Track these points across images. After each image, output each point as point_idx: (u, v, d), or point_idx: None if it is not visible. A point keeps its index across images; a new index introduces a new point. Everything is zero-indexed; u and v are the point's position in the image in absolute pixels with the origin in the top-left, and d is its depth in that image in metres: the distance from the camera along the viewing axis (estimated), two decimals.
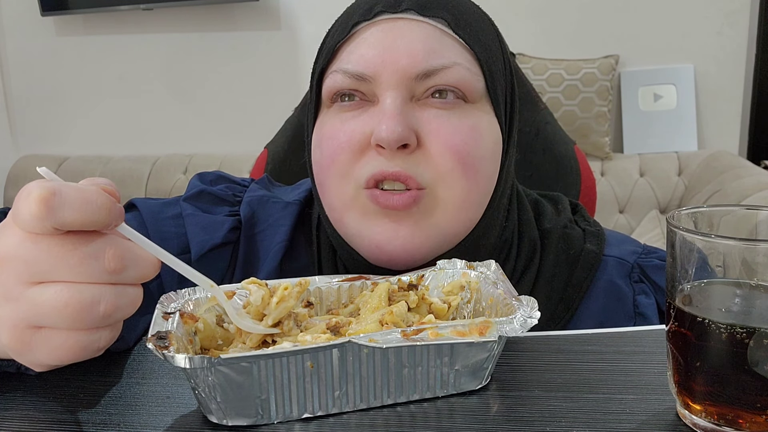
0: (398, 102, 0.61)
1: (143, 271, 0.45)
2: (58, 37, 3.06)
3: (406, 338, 0.44)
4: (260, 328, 0.48)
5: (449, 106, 0.63)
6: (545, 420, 0.44)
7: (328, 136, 0.64)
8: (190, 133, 3.04)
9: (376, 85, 0.62)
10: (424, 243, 0.63)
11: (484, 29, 0.67)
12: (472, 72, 0.63)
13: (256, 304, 0.49)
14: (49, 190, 0.41)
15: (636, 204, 2.57)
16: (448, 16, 0.64)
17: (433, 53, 0.62)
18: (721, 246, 0.41)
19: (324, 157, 0.64)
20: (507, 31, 1.07)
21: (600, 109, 2.62)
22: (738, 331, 0.39)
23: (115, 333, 0.45)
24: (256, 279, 0.51)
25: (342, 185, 0.63)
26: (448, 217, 0.63)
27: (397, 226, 0.62)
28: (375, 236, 0.63)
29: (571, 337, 0.57)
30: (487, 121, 0.65)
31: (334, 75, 0.64)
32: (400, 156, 0.61)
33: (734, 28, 2.64)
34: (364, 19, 0.64)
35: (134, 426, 0.45)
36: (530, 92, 1.03)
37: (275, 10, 2.88)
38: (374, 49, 0.62)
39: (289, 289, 0.49)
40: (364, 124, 0.62)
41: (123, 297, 0.44)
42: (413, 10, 0.63)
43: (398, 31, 0.63)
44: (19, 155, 3.12)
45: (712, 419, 0.42)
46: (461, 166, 0.62)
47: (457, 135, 0.62)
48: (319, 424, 0.45)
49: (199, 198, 0.75)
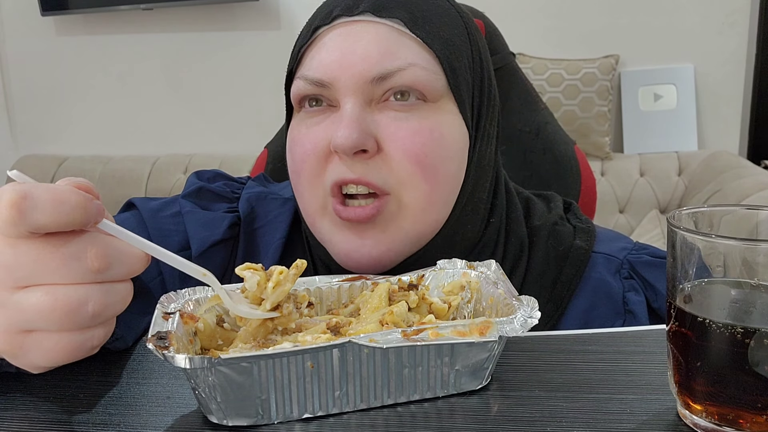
0: (356, 108, 0.62)
1: (130, 267, 0.44)
2: (58, 37, 3.06)
3: (406, 338, 0.44)
4: (258, 313, 0.48)
5: (408, 108, 0.63)
6: (545, 420, 0.44)
7: (296, 142, 0.66)
8: (190, 133, 3.04)
9: (336, 90, 0.63)
10: (391, 248, 0.64)
11: (447, 23, 0.66)
12: (429, 71, 0.63)
13: (252, 290, 0.48)
14: (20, 193, 0.40)
15: (636, 204, 2.57)
16: (404, 15, 0.64)
17: (388, 55, 0.62)
18: (721, 246, 0.41)
19: (294, 163, 0.66)
20: (507, 31, 1.08)
21: (600, 109, 2.62)
22: (738, 331, 0.39)
23: (108, 329, 0.45)
24: (251, 264, 0.49)
25: (312, 192, 0.65)
26: (412, 220, 0.64)
27: (362, 236, 0.63)
28: (342, 245, 0.64)
29: (571, 337, 0.57)
30: (449, 120, 0.65)
31: (297, 81, 0.66)
32: (360, 161, 0.62)
33: (734, 28, 2.64)
34: (323, 24, 0.65)
35: (134, 426, 0.45)
36: (530, 92, 1.03)
37: (275, 10, 2.88)
38: (332, 54, 0.63)
39: (284, 273, 0.48)
40: (326, 130, 0.63)
41: (111, 295, 0.43)
42: (369, 11, 0.64)
43: (355, 35, 0.63)
44: (19, 155, 3.12)
45: (713, 419, 0.42)
46: (420, 169, 0.62)
47: (416, 137, 0.62)
48: (319, 424, 0.45)
49: (198, 195, 0.75)
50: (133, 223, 0.73)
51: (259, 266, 0.49)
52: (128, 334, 0.56)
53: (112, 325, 0.45)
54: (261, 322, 0.49)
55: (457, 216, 0.67)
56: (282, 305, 0.49)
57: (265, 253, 0.73)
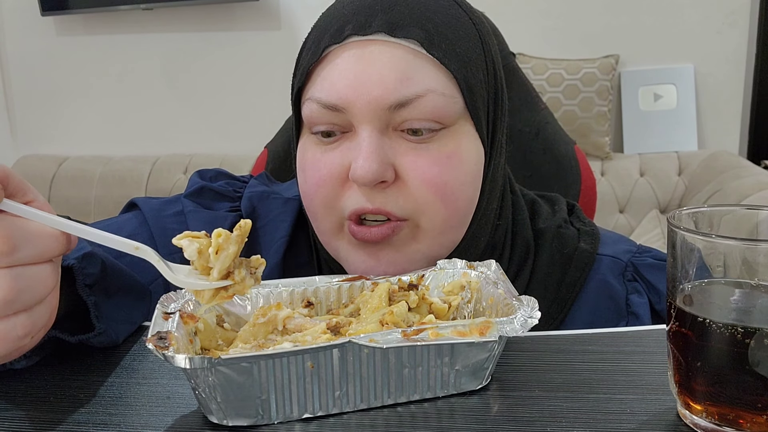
0: (374, 137, 0.60)
1: (43, 248, 0.42)
2: (58, 37, 3.06)
3: (406, 338, 0.44)
4: (205, 284, 0.46)
5: (425, 140, 0.62)
6: (545, 420, 0.44)
7: (310, 165, 0.64)
8: (190, 133, 3.04)
9: (351, 115, 0.61)
10: (407, 268, 0.63)
11: (463, 38, 0.64)
12: (447, 96, 0.61)
13: (193, 258, 0.46)
14: None
15: (636, 204, 2.56)
16: (420, 34, 0.61)
17: (405, 80, 0.60)
18: (721, 246, 0.41)
19: (308, 186, 0.65)
20: (507, 31, 1.08)
21: (600, 109, 2.62)
22: (739, 331, 0.39)
23: (36, 318, 0.43)
24: (189, 232, 0.47)
25: (327, 216, 0.64)
26: (430, 243, 0.64)
27: (377, 257, 0.63)
28: (362, 263, 0.64)
29: (572, 337, 0.57)
30: (466, 142, 0.64)
31: (310, 103, 0.63)
32: (379, 190, 0.61)
33: (734, 28, 2.64)
34: (334, 42, 0.62)
35: (134, 426, 0.45)
36: (530, 92, 1.03)
37: (275, 10, 2.88)
38: (345, 78, 0.60)
39: (225, 235, 0.46)
40: (343, 156, 0.62)
41: (22, 279, 0.41)
42: (383, 31, 0.61)
43: (369, 57, 0.60)
44: (19, 155, 3.12)
45: (713, 419, 0.42)
46: (439, 197, 0.62)
47: (434, 167, 0.61)
48: (319, 424, 0.45)
49: (200, 194, 0.75)
50: (135, 222, 0.73)
51: (201, 233, 0.47)
52: (111, 328, 0.55)
53: (43, 312, 0.43)
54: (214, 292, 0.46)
55: (473, 231, 0.67)
56: (233, 272, 0.46)
57: (266, 252, 0.73)
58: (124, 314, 0.58)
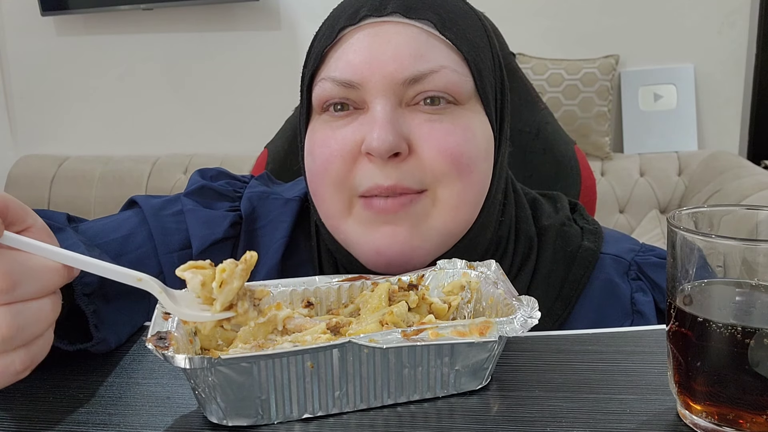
0: (388, 109, 0.61)
1: (43, 282, 0.41)
2: (58, 37, 3.05)
3: (406, 338, 0.44)
4: (206, 316, 0.46)
5: (439, 111, 0.62)
6: (545, 420, 0.44)
7: (320, 143, 0.64)
8: (191, 133, 3.04)
9: (365, 91, 0.62)
10: (422, 246, 0.63)
11: (472, 27, 0.66)
12: (459, 74, 0.63)
13: (196, 292, 0.45)
14: None
15: (636, 204, 2.57)
16: (434, 17, 0.63)
17: (420, 57, 0.61)
18: (721, 246, 0.41)
19: (317, 165, 0.64)
20: (507, 31, 1.08)
21: (600, 109, 2.62)
22: (738, 332, 0.39)
23: (36, 351, 0.42)
24: (195, 262, 0.46)
25: (336, 195, 0.63)
26: (445, 218, 0.63)
27: (395, 229, 0.62)
28: (374, 242, 0.63)
29: (571, 337, 0.57)
30: (478, 120, 0.65)
31: (323, 83, 0.64)
32: (393, 165, 0.61)
33: (734, 28, 2.64)
34: (350, 24, 0.63)
35: (134, 426, 0.45)
36: (530, 92, 1.03)
37: (275, 10, 2.88)
38: (361, 55, 0.62)
39: (227, 270, 0.45)
40: (354, 131, 0.62)
41: (22, 316, 0.40)
42: (399, 12, 0.63)
43: (384, 36, 0.62)
44: (19, 155, 3.12)
45: (713, 419, 0.42)
46: (456, 167, 0.62)
47: (450, 137, 0.62)
48: (319, 424, 0.45)
49: (200, 193, 0.75)
50: (135, 221, 0.73)
51: (206, 263, 0.46)
52: (111, 334, 0.55)
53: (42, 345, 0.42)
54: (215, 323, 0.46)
55: (483, 217, 0.67)
56: (236, 304, 0.46)
57: (265, 253, 0.73)
58: (125, 317, 0.58)
